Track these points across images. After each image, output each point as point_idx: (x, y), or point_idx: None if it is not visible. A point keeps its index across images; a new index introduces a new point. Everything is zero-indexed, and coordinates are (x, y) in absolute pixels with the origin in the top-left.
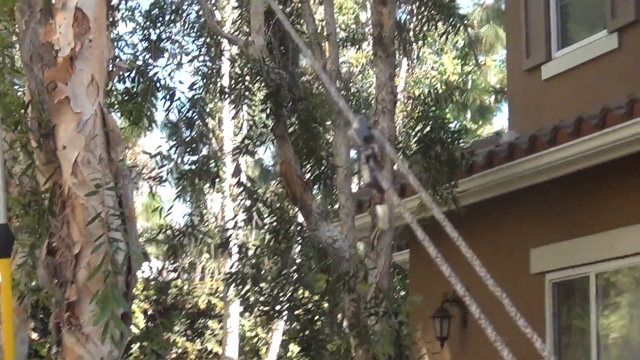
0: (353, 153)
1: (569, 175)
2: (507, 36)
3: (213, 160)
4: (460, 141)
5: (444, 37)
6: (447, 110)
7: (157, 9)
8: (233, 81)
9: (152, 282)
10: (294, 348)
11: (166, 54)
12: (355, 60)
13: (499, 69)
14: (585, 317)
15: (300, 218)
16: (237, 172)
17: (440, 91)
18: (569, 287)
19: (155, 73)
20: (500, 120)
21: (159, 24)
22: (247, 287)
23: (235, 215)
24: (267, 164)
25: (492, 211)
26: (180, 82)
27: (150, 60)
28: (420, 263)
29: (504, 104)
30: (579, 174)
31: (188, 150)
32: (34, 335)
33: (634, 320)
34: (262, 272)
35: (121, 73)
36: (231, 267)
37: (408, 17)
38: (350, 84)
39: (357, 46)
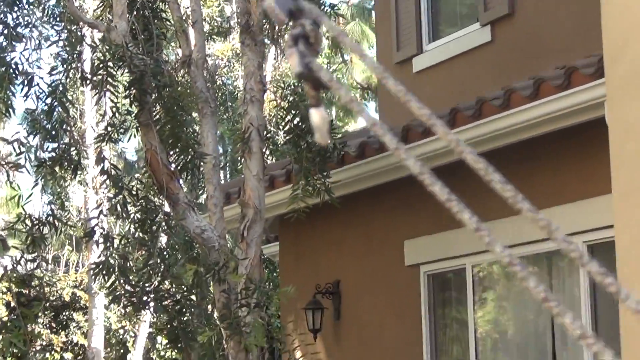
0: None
1: (442, 166)
2: (376, 28)
3: (74, 148)
4: (332, 131)
5: None
6: None
7: None
8: (95, 67)
9: (14, 274)
10: (162, 340)
11: (24, 40)
12: (220, 52)
13: (364, 67)
14: (462, 309)
15: (167, 208)
16: (100, 159)
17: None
18: (444, 279)
19: (12, 58)
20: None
21: (16, 9)
22: (114, 278)
23: (100, 205)
24: (131, 159)
25: (365, 202)
26: (39, 67)
27: (6, 46)
28: (291, 255)
29: (370, 101)
30: (452, 165)
31: (48, 137)
32: None
33: (509, 311)
34: (129, 262)
35: None
36: (98, 258)
37: None
38: (216, 76)
39: (223, 38)
